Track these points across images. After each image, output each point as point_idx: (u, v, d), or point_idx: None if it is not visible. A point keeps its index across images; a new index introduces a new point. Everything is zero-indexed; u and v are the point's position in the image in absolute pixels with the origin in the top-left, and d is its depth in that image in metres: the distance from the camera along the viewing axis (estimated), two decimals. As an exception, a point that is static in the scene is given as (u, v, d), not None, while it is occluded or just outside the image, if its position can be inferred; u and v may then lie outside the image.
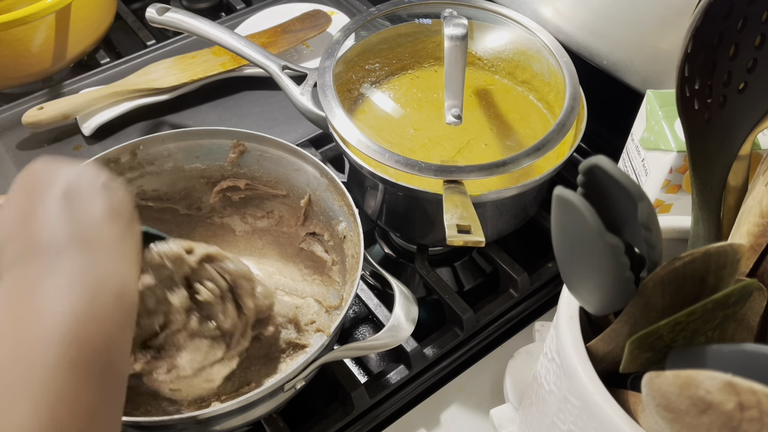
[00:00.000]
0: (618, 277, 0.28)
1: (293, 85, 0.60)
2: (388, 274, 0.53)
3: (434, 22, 0.64)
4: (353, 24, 0.62)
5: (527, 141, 0.58)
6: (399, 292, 0.50)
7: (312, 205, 0.56)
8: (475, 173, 0.50)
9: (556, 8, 0.66)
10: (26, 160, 0.70)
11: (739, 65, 0.35)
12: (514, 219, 0.58)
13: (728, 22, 0.35)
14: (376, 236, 0.67)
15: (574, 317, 0.34)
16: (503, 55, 0.65)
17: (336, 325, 0.45)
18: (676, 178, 0.47)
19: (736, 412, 0.23)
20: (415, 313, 0.49)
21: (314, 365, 0.44)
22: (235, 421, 0.44)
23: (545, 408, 0.38)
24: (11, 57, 0.72)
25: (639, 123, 0.51)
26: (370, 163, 0.53)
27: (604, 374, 0.32)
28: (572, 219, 0.28)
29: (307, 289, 0.57)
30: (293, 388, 0.44)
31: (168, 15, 0.63)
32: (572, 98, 0.55)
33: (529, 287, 0.59)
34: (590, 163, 0.28)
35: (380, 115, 0.61)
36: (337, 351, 0.45)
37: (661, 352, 0.29)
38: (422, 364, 0.55)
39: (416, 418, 0.54)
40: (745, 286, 0.27)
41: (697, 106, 0.37)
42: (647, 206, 0.27)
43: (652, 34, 0.59)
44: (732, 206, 0.37)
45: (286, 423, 0.50)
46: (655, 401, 0.26)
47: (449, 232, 0.45)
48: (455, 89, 0.55)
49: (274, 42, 0.78)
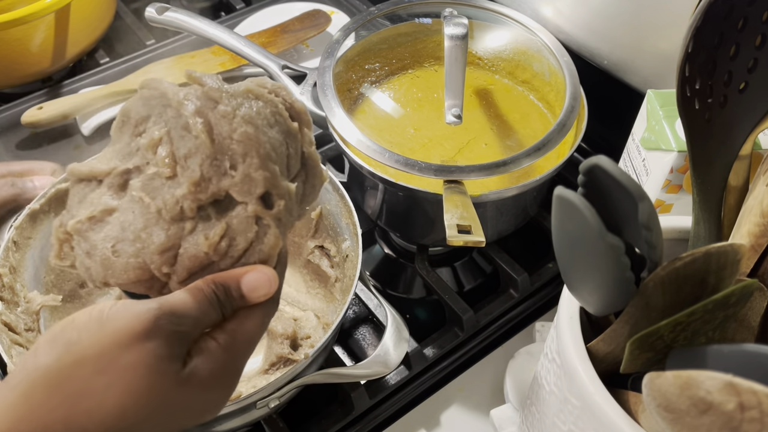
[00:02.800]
0: (618, 277, 0.28)
1: (293, 84, 0.60)
2: (385, 302, 0.53)
3: (434, 21, 0.64)
4: (353, 24, 0.62)
5: (527, 141, 0.58)
6: (392, 320, 0.50)
7: (323, 218, 0.56)
8: (476, 173, 0.50)
9: (557, 8, 0.66)
10: (26, 159, 0.70)
11: (740, 65, 0.35)
12: (515, 219, 0.58)
13: (729, 21, 0.35)
14: (376, 236, 0.67)
15: (575, 317, 0.34)
16: (504, 54, 0.65)
17: (315, 350, 0.44)
18: (676, 178, 0.47)
19: (737, 413, 0.23)
20: (404, 348, 0.49)
21: (291, 386, 0.43)
22: (234, 422, 0.44)
23: (546, 408, 0.38)
24: (10, 57, 0.72)
25: (640, 123, 0.51)
26: (370, 163, 0.53)
27: (604, 375, 0.32)
28: (573, 219, 0.28)
29: (308, 302, 0.57)
30: (266, 406, 0.43)
31: (167, 14, 0.63)
32: (573, 98, 0.55)
33: (529, 287, 0.59)
34: (591, 163, 0.28)
35: (380, 114, 0.61)
36: (316, 375, 0.45)
37: (662, 352, 0.29)
38: (422, 365, 0.55)
39: (416, 418, 0.54)
40: (746, 286, 0.27)
41: (698, 106, 0.37)
42: (648, 206, 0.27)
43: (652, 34, 0.59)
44: (733, 206, 0.37)
45: (286, 423, 0.50)
46: (655, 402, 0.25)
47: (449, 232, 0.45)
48: (455, 89, 0.55)
49: (274, 42, 0.78)
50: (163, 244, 0.32)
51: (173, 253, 0.32)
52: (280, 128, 0.33)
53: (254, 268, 0.32)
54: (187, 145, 0.32)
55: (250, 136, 0.31)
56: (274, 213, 0.32)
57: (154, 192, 0.33)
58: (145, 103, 0.34)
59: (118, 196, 0.34)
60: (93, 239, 0.33)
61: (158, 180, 0.33)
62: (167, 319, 0.29)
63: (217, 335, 0.31)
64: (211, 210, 0.32)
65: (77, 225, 0.34)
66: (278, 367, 0.50)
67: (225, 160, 0.32)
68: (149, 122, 0.34)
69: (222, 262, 0.32)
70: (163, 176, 0.33)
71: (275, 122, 0.33)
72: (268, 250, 0.32)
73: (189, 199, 0.32)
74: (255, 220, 0.32)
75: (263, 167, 0.31)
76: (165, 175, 0.33)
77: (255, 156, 0.31)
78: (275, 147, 0.33)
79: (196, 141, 0.32)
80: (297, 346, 0.52)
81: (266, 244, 0.32)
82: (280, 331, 0.51)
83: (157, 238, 0.32)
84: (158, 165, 0.33)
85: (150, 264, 0.32)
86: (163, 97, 0.33)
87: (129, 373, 0.29)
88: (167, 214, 0.32)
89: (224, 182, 0.32)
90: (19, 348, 0.46)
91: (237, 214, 0.32)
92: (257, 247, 0.32)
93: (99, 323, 0.29)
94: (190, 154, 0.32)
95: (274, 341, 0.51)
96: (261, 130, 0.32)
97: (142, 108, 0.34)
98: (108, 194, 0.34)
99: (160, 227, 0.32)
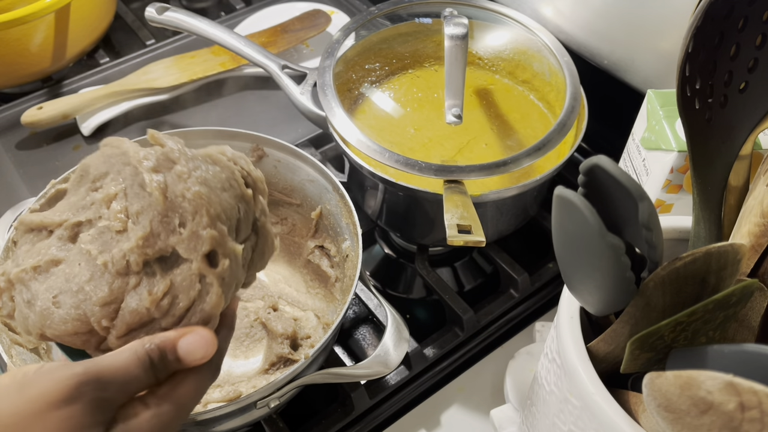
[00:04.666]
0: (619, 277, 0.28)
1: (293, 84, 0.60)
2: (385, 302, 0.52)
3: (434, 21, 0.64)
4: (353, 23, 0.62)
5: (528, 141, 0.58)
6: (392, 320, 0.50)
7: (323, 218, 0.56)
8: (476, 173, 0.50)
9: (557, 8, 0.66)
10: (25, 159, 0.70)
11: (740, 65, 0.35)
12: (515, 219, 0.58)
13: (729, 21, 0.35)
14: (376, 236, 0.67)
15: (575, 317, 0.34)
16: (504, 54, 0.65)
17: (315, 350, 0.44)
18: (677, 178, 0.47)
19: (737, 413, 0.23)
20: (404, 348, 0.49)
21: (291, 386, 0.43)
22: (234, 422, 0.44)
23: (546, 409, 0.38)
24: (10, 57, 0.72)
25: (640, 123, 0.51)
26: (370, 162, 0.53)
27: (604, 375, 0.32)
28: (573, 219, 0.28)
29: (309, 302, 0.57)
30: (266, 406, 0.43)
31: (167, 14, 0.63)
32: (573, 98, 0.55)
33: (529, 287, 0.59)
34: (591, 163, 0.28)
35: (380, 114, 0.61)
36: (316, 375, 0.45)
37: (662, 352, 0.29)
38: (422, 365, 0.55)
39: (416, 418, 0.54)
40: (746, 286, 0.27)
41: (698, 105, 0.37)
42: (648, 206, 0.27)
43: (653, 34, 0.59)
44: (733, 206, 0.37)
45: (286, 423, 0.50)
46: (656, 402, 0.25)
47: (450, 232, 0.44)
48: (456, 89, 0.55)
49: (274, 41, 0.78)
50: (105, 297, 0.32)
51: (115, 307, 0.32)
52: (233, 192, 0.34)
53: (192, 330, 0.32)
54: (141, 202, 0.33)
55: (201, 196, 0.32)
56: (218, 272, 0.32)
57: (103, 245, 0.33)
58: (106, 160, 0.35)
59: (67, 248, 0.34)
60: (35, 289, 0.33)
61: (108, 234, 0.33)
62: (91, 385, 0.28)
63: (147, 400, 0.30)
64: (157, 267, 0.33)
65: (21, 274, 0.34)
66: (278, 367, 0.50)
67: (175, 218, 0.32)
68: (107, 178, 0.34)
69: (163, 320, 0.32)
70: (114, 230, 0.33)
71: (229, 186, 0.34)
72: (209, 309, 0.32)
73: (136, 253, 0.32)
74: (198, 278, 0.32)
75: (211, 226, 0.32)
76: (115, 229, 0.33)
77: (204, 215, 0.32)
78: (226, 209, 0.33)
79: (149, 198, 0.32)
80: (297, 346, 0.52)
81: (208, 303, 0.32)
82: (280, 331, 0.51)
83: (101, 291, 0.32)
84: (110, 219, 0.33)
85: (90, 317, 0.32)
86: (124, 156, 0.34)
87: None
88: (113, 267, 0.32)
89: (172, 239, 0.32)
90: (19, 348, 0.46)
91: (181, 271, 0.32)
92: (199, 307, 0.32)
93: (20, 388, 0.28)
94: (143, 211, 0.32)
95: (274, 341, 0.51)
96: (214, 192, 0.33)
97: (102, 165, 0.35)
98: (57, 245, 0.34)
99: (105, 280, 0.32)
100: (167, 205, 0.32)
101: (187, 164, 0.33)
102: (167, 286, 0.32)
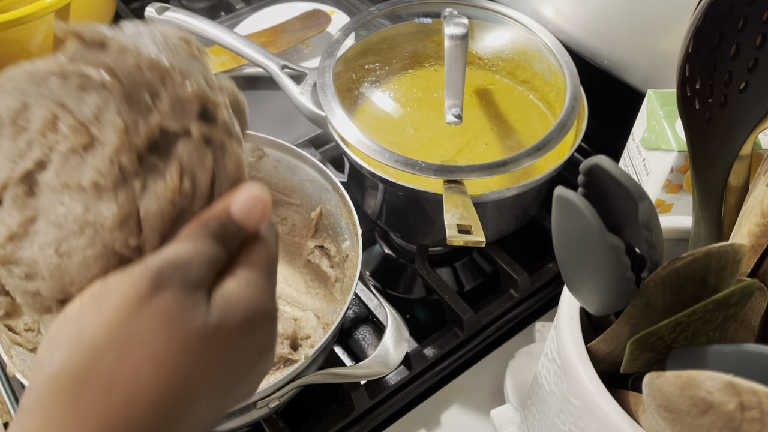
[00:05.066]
0: (619, 277, 0.28)
1: (293, 84, 0.60)
2: (385, 302, 0.52)
3: (434, 21, 0.64)
4: (353, 23, 0.62)
5: (528, 141, 0.58)
6: (392, 320, 0.50)
7: (323, 218, 0.56)
8: (476, 173, 0.50)
9: (557, 8, 0.66)
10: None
11: (740, 65, 0.35)
12: (515, 219, 0.58)
13: (729, 21, 0.35)
14: (376, 236, 0.67)
15: (575, 317, 0.34)
16: (504, 54, 0.65)
17: (315, 350, 0.44)
18: (677, 178, 0.47)
19: (737, 413, 0.23)
20: (404, 348, 0.49)
21: (291, 386, 0.43)
22: (234, 422, 0.44)
23: (546, 409, 0.38)
24: (10, 57, 0.72)
25: (640, 123, 0.51)
26: (370, 162, 0.53)
27: (604, 375, 0.32)
28: (573, 219, 0.28)
29: (308, 302, 0.57)
30: (266, 406, 0.43)
31: (167, 14, 0.63)
32: (573, 98, 0.55)
33: (529, 287, 0.59)
34: (591, 163, 0.28)
35: (380, 114, 0.61)
36: (316, 375, 0.45)
37: (662, 352, 0.29)
38: (422, 365, 0.55)
39: (416, 418, 0.54)
40: (746, 286, 0.27)
41: (698, 105, 0.37)
42: (648, 206, 0.27)
43: (653, 34, 0.59)
44: (733, 206, 0.37)
45: (286, 423, 0.50)
46: (656, 402, 0.25)
47: (449, 232, 0.44)
48: (455, 89, 0.55)
49: (274, 41, 0.78)
50: (118, 215, 0.26)
51: (134, 220, 0.26)
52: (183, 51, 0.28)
53: (236, 192, 0.27)
54: (90, 104, 0.26)
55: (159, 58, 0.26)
56: (221, 124, 0.27)
57: (77, 170, 0.26)
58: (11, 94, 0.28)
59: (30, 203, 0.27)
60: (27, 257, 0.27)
61: (74, 156, 0.26)
62: (171, 270, 0.25)
63: (231, 270, 0.27)
64: (153, 158, 0.27)
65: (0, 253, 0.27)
66: (278, 367, 0.50)
67: (143, 93, 0.26)
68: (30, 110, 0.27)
69: (195, 205, 0.27)
70: (79, 147, 0.26)
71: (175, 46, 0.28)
72: (234, 168, 0.28)
73: (124, 152, 0.26)
74: (205, 143, 0.27)
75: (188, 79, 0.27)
76: (81, 145, 0.26)
77: (176, 74, 0.27)
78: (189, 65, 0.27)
79: (99, 92, 0.26)
80: (297, 346, 0.52)
81: (230, 163, 0.28)
82: (280, 331, 0.51)
83: (108, 212, 0.26)
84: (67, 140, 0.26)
85: (113, 245, 0.26)
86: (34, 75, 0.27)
87: (151, 342, 0.24)
88: (107, 180, 0.26)
89: (153, 118, 0.26)
90: (19, 348, 0.46)
91: (183, 146, 0.27)
92: (222, 174, 0.28)
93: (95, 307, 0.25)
94: (99, 109, 0.26)
95: None
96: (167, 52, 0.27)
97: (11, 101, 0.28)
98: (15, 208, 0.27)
99: (106, 199, 0.26)
100: (126, 86, 0.26)
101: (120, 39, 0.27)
102: (179, 168, 0.27)
